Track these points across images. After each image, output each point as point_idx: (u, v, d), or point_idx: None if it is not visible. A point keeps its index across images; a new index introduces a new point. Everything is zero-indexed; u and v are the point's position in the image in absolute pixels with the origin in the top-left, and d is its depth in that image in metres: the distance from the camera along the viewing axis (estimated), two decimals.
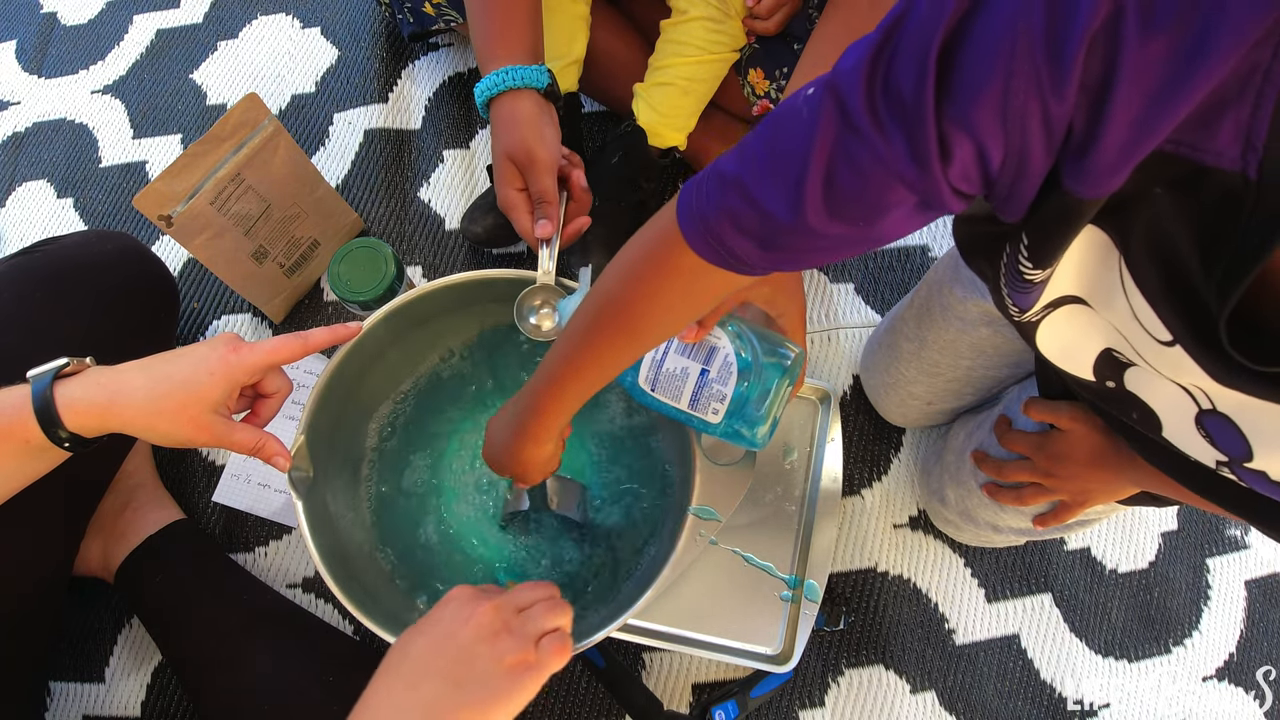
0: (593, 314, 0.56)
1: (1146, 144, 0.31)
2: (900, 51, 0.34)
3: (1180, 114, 0.30)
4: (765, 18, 0.90)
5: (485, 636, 0.54)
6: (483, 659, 0.53)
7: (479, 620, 0.55)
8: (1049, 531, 0.78)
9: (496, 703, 0.52)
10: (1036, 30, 0.30)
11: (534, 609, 0.57)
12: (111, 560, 0.88)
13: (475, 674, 0.52)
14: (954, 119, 0.33)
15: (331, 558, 0.75)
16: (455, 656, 0.53)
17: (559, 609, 0.57)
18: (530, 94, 0.76)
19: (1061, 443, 0.69)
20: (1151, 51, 0.29)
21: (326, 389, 0.78)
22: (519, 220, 0.77)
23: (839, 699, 0.92)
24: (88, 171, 1.16)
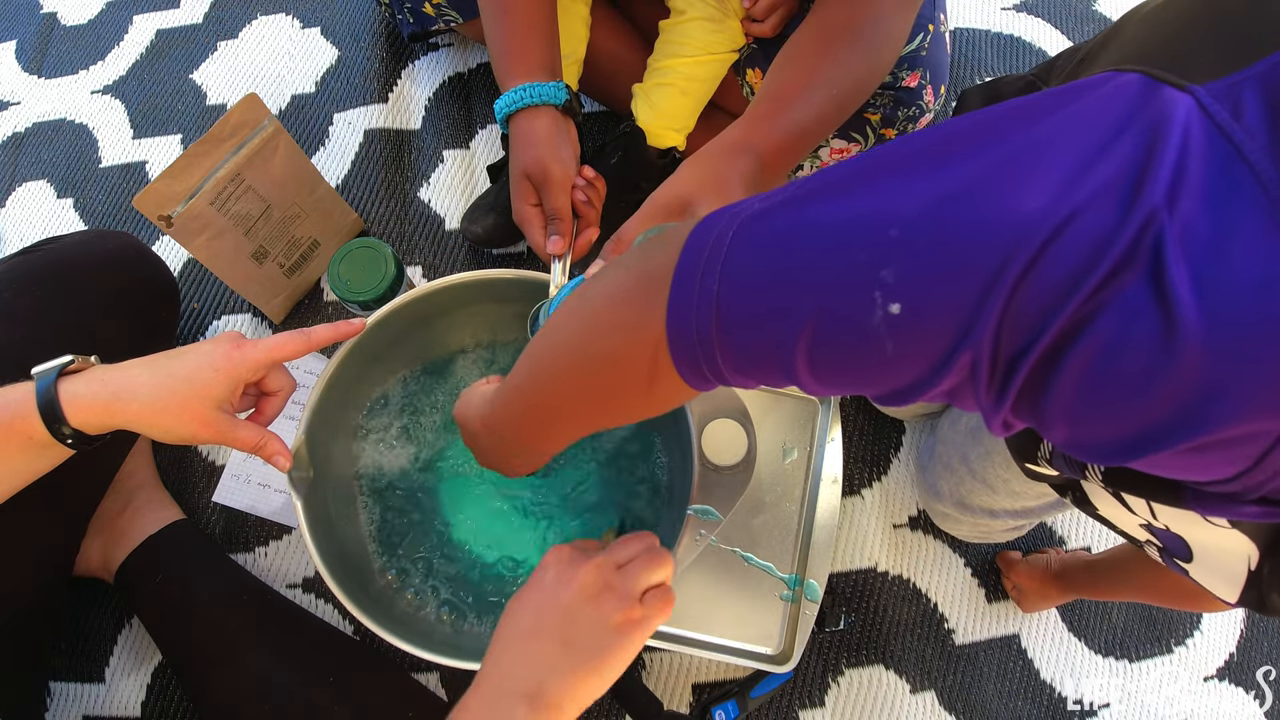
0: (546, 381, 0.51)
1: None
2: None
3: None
4: (762, 20, 0.90)
5: (590, 596, 0.54)
6: (589, 619, 0.53)
7: (582, 581, 0.55)
8: (1044, 514, 0.80)
9: (606, 661, 0.53)
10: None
11: (633, 564, 0.56)
12: (111, 560, 0.88)
13: (583, 635, 0.53)
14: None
15: (331, 558, 0.75)
16: (562, 618, 0.53)
17: (659, 561, 0.57)
18: (548, 111, 0.77)
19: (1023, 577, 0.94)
20: None
21: (327, 389, 0.78)
22: (533, 235, 0.79)
23: (839, 699, 0.92)
24: (88, 171, 1.16)
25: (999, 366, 0.30)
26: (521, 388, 0.53)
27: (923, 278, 0.30)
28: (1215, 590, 0.51)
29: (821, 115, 0.69)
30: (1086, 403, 0.29)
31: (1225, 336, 0.26)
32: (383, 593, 0.84)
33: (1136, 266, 0.27)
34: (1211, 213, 0.27)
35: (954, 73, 1.17)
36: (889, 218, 0.31)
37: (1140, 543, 0.56)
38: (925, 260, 0.30)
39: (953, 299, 0.29)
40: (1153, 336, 0.27)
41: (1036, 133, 0.30)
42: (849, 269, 0.32)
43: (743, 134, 0.66)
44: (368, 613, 0.72)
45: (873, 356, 0.32)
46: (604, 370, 0.44)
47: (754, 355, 0.36)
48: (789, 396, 0.93)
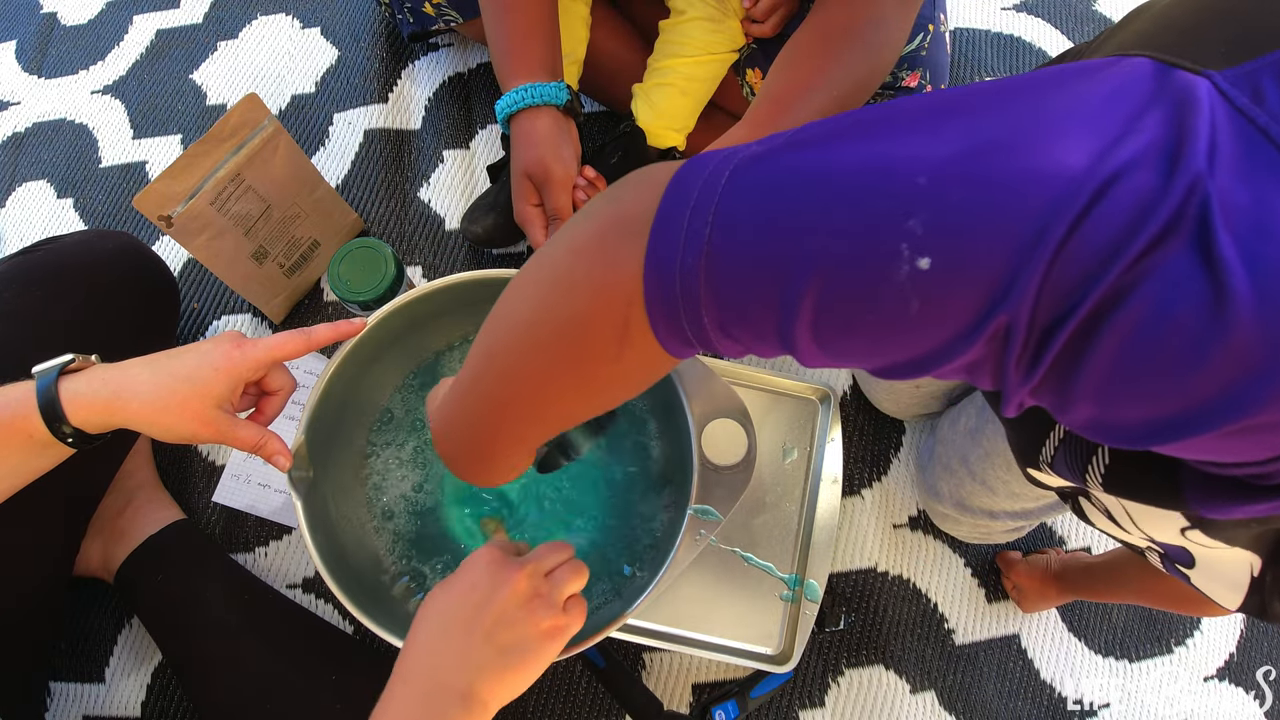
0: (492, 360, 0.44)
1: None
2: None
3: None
4: (762, 20, 0.90)
5: (523, 603, 0.56)
6: (523, 625, 0.55)
7: (516, 587, 0.56)
8: (1043, 515, 0.80)
9: (532, 665, 0.55)
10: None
11: (558, 573, 0.59)
12: (111, 560, 0.88)
13: (515, 638, 0.55)
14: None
15: (331, 558, 0.75)
16: (497, 621, 0.55)
17: (578, 571, 0.60)
18: (549, 111, 0.78)
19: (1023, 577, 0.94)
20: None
21: (327, 389, 0.78)
22: (534, 235, 0.79)
23: (839, 699, 0.92)
24: (88, 171, 1.16)
25: (1034, 334, 0.27)
26: (474, 374, 0.45)
27: (958, 230, 0.27)
28: (1217, 596, 0.51)
29: (823, 116, 0.69)
30: (1123, 378, 0.27)
31: (1276, 311, 0.24)
32: (383, 593, 0.84)
33: (1182, 233, 0.25)
34: (1250, 189, 0.25)
35: (954, 73, 1.17)
36: (917, 163, 0.28)
37: (1141, 550, 0.56)
38: (961, 211, 0.27)
39: (992, 256, 0.26)
40: (1201, 307, 0.25)
41: (1065, 96, 0.28)
42: (871, 217, 0.28)
43: (744, 136, 0.66)
44: (368, 613, 0.72)
45: (893, 317, 0.28)
46: (566, 336, 0.38)
47: (747, 311, 0.32)
48: (789, 396, 0.93)
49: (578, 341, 0.37)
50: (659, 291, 0.33)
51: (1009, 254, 0.26)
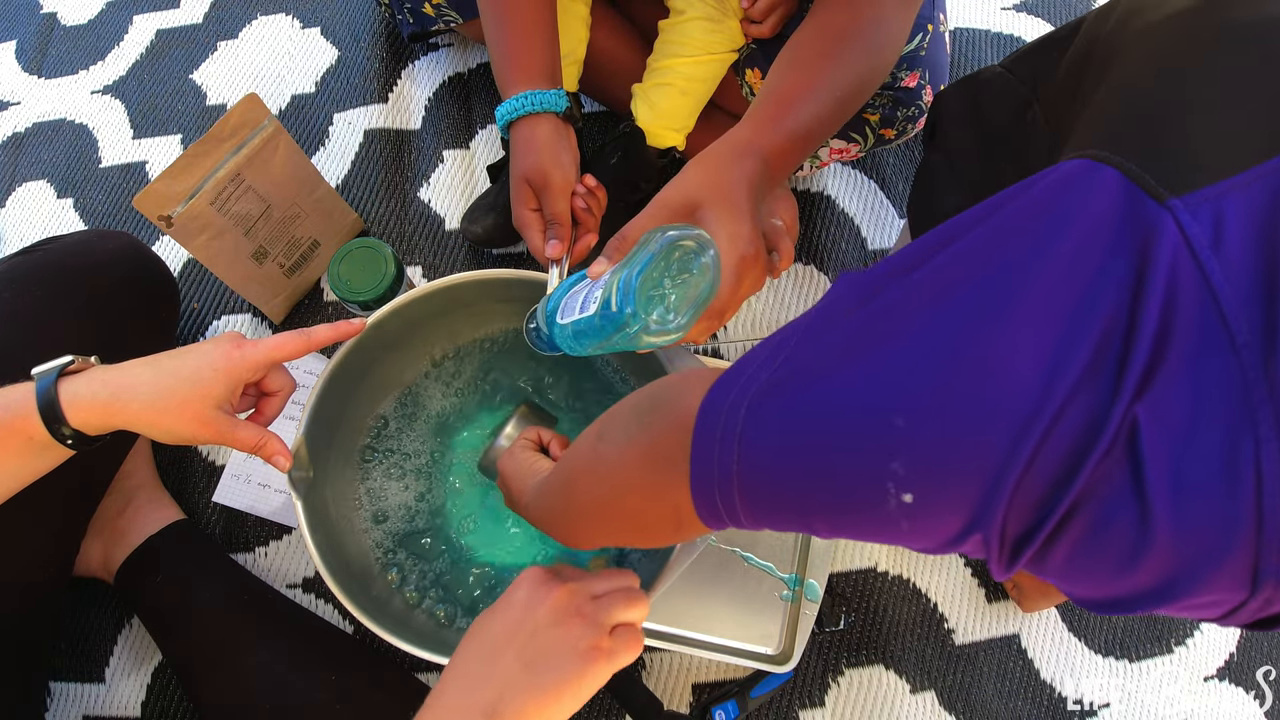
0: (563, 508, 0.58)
1: None
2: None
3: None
4: (760, 20, 0.90)
5: (559, 620, 0.53)
6: (557, 642, 0.52)
7: (553, 604, 0.54)
8: None
9: (567, 687, 0.51)
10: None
11: (609, 597, 0.55)
12: (111, 560, 0.88)
13: (547, 657, 0.52)
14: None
15: (331, 558, 0.75)
16: (528, 638, 0.52)
17: (635, 601, 0.56)
18: (549, 118, 0.78)
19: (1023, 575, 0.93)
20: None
21: (327, 389, 0.78)
22: (531, 239, 0.79)
23: (839, 699, 0.92)
24: (88, 172, 1.16)
25: (1007, 544, 0.32)
26: (555, 512, 0.58)
27: (932, 468, 0.32)
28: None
29: (824, 117, 0.69)
30: (1077, 571, 0.32)
31: (1190, 532, 0.29)
32: (382, 592, 0.84)
33: (1118, 456, 0.30)
34: (1189, 385, 0.29)
35: (954, 73, 1.17)
36: (892, 403, 0.32)
37: None
38: (932, 452, 0.31)
39: (963, 490, 0.31)
40: (1131, 525, 0.30)
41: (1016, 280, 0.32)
42: (862, 461, 0.33)
43: (748, 136, 0.66)
44: (368, 613, 0.72)
45: (889, 533, 0.34)
46: (632, 520, 0.50)
47: (775, 521, 0.39)
48: None
49: (641, 523, 0.50)
50: (704, 507, 0.41)
51: (979, 486, 0.31)
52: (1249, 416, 0.28)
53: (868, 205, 1.11)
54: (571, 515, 0.56)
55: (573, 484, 0.55)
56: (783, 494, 0.37)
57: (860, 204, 1.11)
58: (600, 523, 0.53)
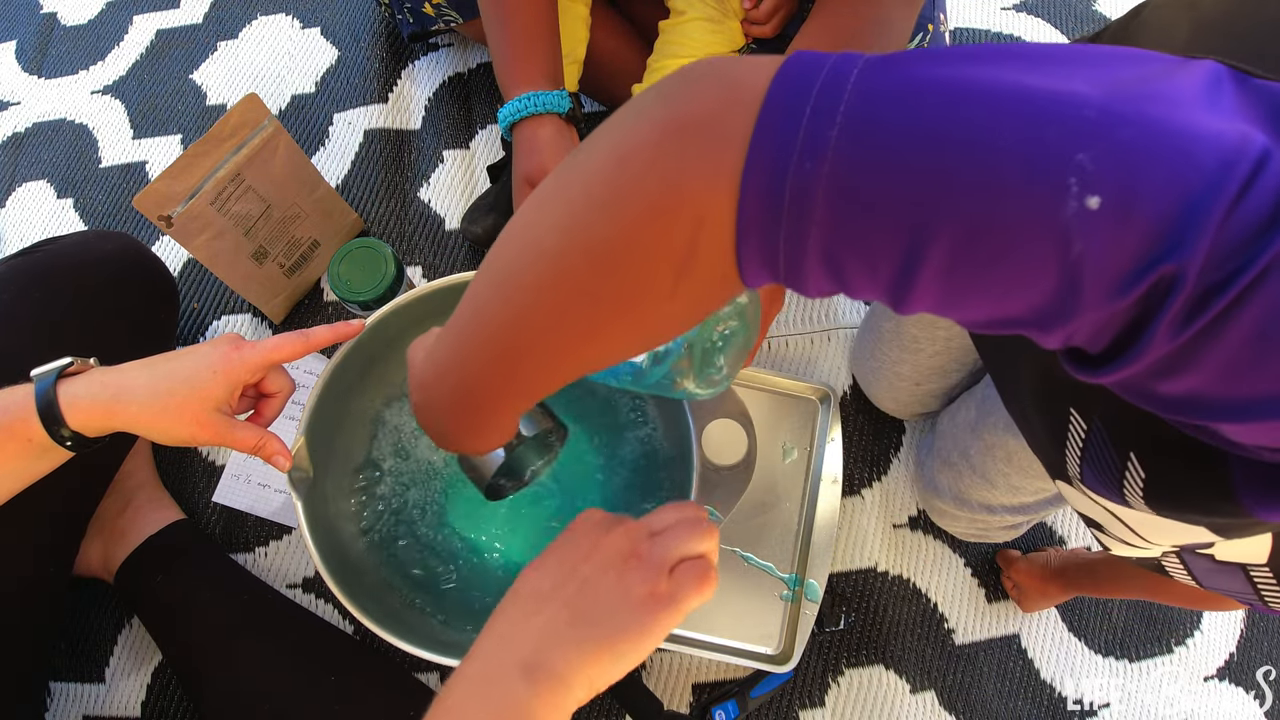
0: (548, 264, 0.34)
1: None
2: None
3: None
4: (763, 21, 0.90)
5: (613, 564, 0.46)
6: (609, 590, 0.45)
7: (607, 547, 0.47)
8: (1041, 512, 0.80)
9: (621, 639, 0.44)
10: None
11: (670, 532, 0.47)
12: (111, 560, 0.88)
13: (599, 607, 0.45)
14: None
15: (331, 558, 0.75)
16: (579, 587, 0.46)
17: (700, 531, 0.47)
18: (551, 119, 0.78)
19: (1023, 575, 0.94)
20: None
21: (327, 389, 0.78)
22: None
23: (839, 699, 0.92)
24: (88, 172, 1.16)
25: (1197, 292, 0.25)
26: (477, 312, 0.38)
27: (1131, 170, 0.24)
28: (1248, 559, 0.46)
29: None
30: (1253, 352, 0.25)
31: None
32: (382, 592, 0.84)
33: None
34: None
35: None
36: (1079, 98, 0.25)
37: (1157, 560, 0.56)
38: (1133, 151, 0.24)
39: (1166, 202, 0.24)
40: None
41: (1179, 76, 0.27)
42: (1039, 143, 0.25)
43: None
44: (368, 613, 0.72)
45: (1045, 259, 0.25)
46: (606, 268, 0.31)
47: (869, 238, 0.27)
48: (789, 396, 0.93)
49: (621, 274, 0.31)
50: (762, 202, 0.27)
51: (1183, 202, 0.24)
52: None
53: None
54: (506, 297, 0.35)
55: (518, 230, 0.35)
56: (908, 177, 0.26)
57: None
58: (548, 294, 0.33)
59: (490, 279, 0.37)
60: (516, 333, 0.35)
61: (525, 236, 0.34)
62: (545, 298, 0.33)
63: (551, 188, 0.33)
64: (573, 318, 0.33)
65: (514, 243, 0.35)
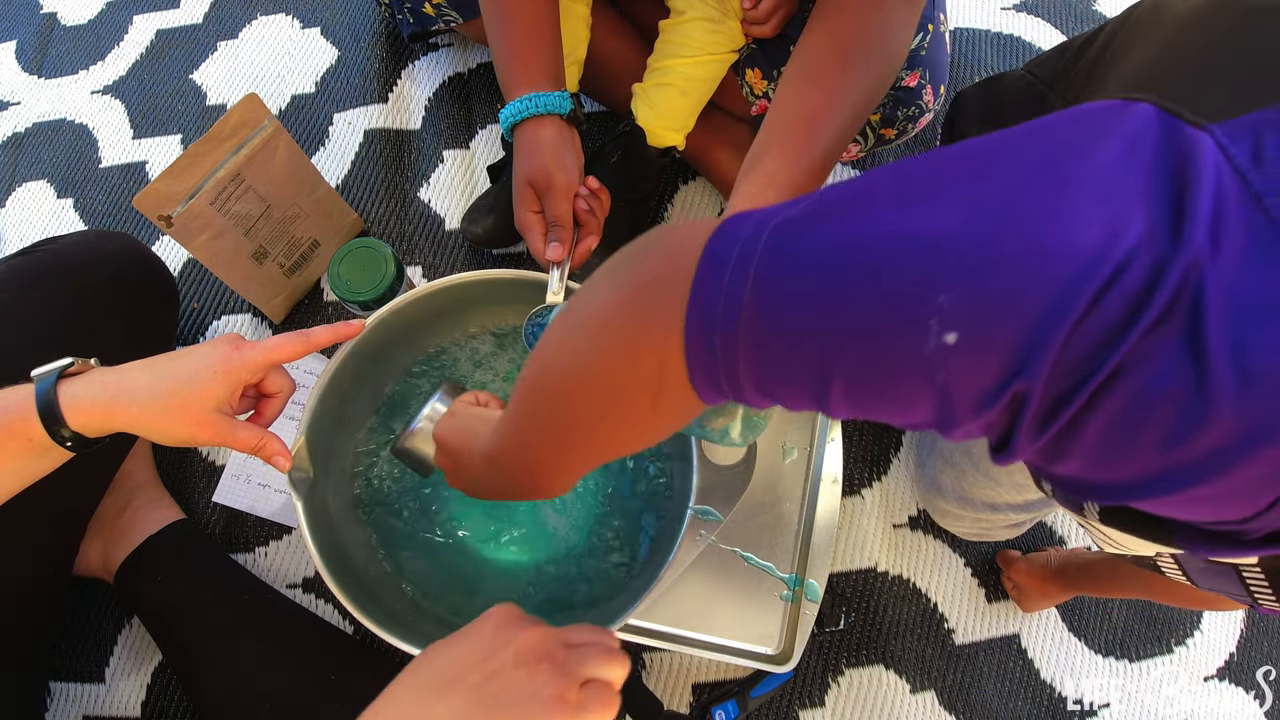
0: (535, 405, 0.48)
1: None
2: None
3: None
4: (762, 21, 0.90)
5: (526, 663, 0.48)
6: (519, 686, 0.47)
7: (522, 644, 0.48)
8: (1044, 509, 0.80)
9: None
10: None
11: (587, 648, 0.49)
12: (111, 560, 0.88)
13: (509, 699, 0.46)
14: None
15: (331, 558, 0.75)
16: (490, 677, 0.47)
17: (614, 659, 0.49)
18: (553, 120, 0.78)
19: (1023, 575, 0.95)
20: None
21: (327, 389, 0.78)
22: (533, 241, 0.79)
23: (839, 699, 0.92)
24: (88, 172, 1.16)
25: (1045, 404, 0.29)
26: (521, 424, 0.49)
27: (982, 306, 0.29)
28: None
29: (847, 131, 0.68)
30: (1115, 444, 0.29)
31: (1254, 399, 0.27)
32: (382, 592, 0.84)
33: (1177, 319, 0.27)
34: (1244, 268, 0.27)
35: (954, 73, 1.17)
36: (942, 239, 0.30)
37: (1152, 559, 0.56)
38: (985, 288, 0.28)
39: (1013, 332, 0.28)
40: (1187, 391, 0.27)
41: (1076, 163, 0.30)
42: (904, 291, 0.30)
43: (786, 173, 0.64)
44: (368, 613, 0.72)
45: (916, 386, 0.31)
46: (606, 394, 0.41)
47: (784, 375, 0.34)
48: None
49: (615, 399, 0.41)
50: (701, 352, 0.34)
51: (1030, 329, 0.28)
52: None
53: None
54: (538, 428, 0.47)
55: (544, 364, 0.45)
56: (798, 331, 0.32)
57: None
58: (572, 422, 0.44)
59: (525, 402, 0.48)
60: (548, 439, 0.47)
61: (548, 370, 0.45)
62: (566, 415, 0.44)
63: (561, 331, 0.43)
64: (586, 427, 0.44)
65: (540, 374, 0.45)
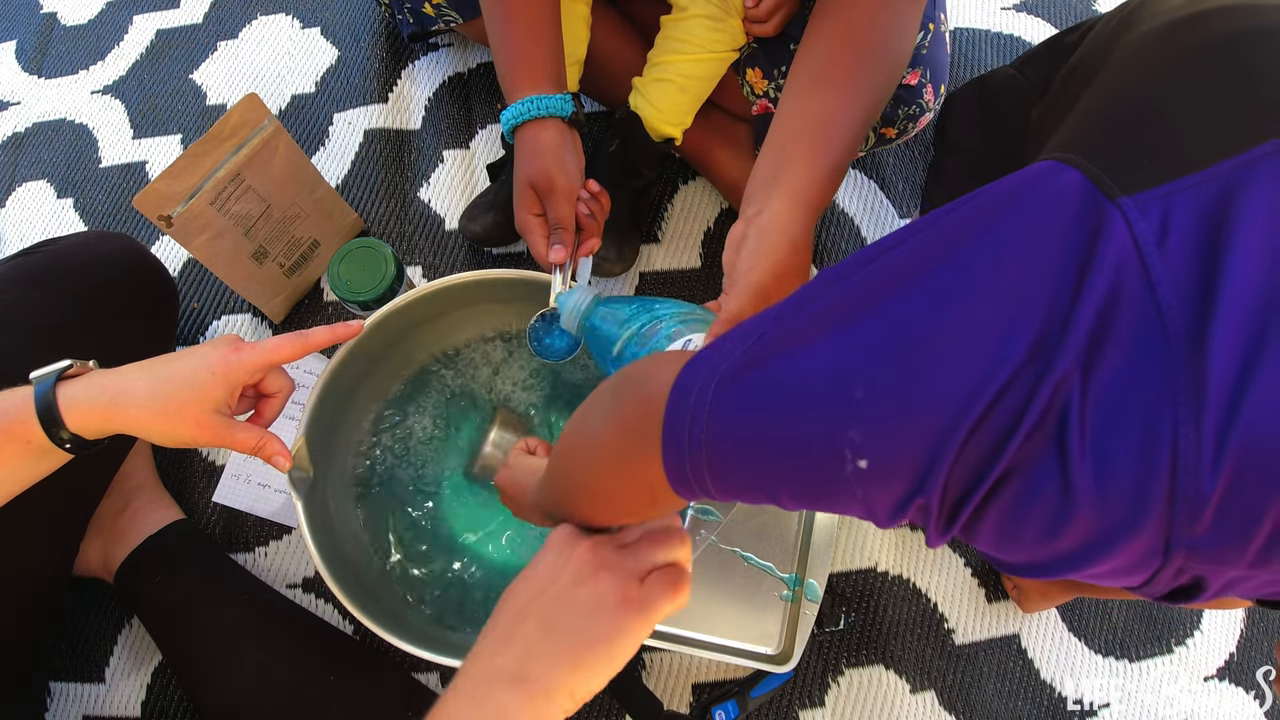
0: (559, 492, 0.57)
1: None
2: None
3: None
4: (764, 20, 0.90)
5: (585, 577, 0.48)
6: (583, 600, 0.48)
7: (577, 560, 0.49)
8: None
9: (596, 647, 0.47)
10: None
11: (639, 542, 0.50)
12: (111, 560, 0.88)
13: (571, 617, 0.48)
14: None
15: (331, 558, 0.75)
16: (550, 600, 0.49)
17: (670, 539, 0.50)
18: (554, 123, 0.78)
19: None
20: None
21: (327, 389, 0.78)
22: (534, 244, 0.79)
23: (839, 699, 0.92)
24: (88, 172, 1.16)
25: (945, 508, 0.35)
26: (551, 498, 0.58)
27: (886, 437, 0.35)
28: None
29: (862, 135, 0.67)
30: (1006, 537, 0.35)
31: (1108, 503, 0.32)
32: (382, 593, 0.84)
33: (1047, 430, 0.32)
34: (1118, 371, 0.32)
35: (954, 73, 1.17)
36: (852, 377, 0.36)
37: None
38: (886, 422, 0.35)
39: (912, 457, 0.34)
40: (1054, 498, 0.33)
41: (978, 266, 0.35)
42: (823, 430, 0.36)
43: (810, 189, 0.64)
44: (368, 613, 0.72)
45: (844, 499, 0.37)
46: (614, 496, 0.50)
47: (742, 492, 0.41)
48: None
49: (620, 500, 0.50)
50: (677, 478, 0.42)
51: (925, 456, 0.34)
52: (1170, 400, 0.31)
53: (868, 205, 1.11)
54: (568, 500, 0.55)
55: (562, 468, 0.55)
56: (748, 464, 0.39)
57: (860, 204, 1.11)
58: (590, 501, 0.52)
59: (552, 483, 0.58)
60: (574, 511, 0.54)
61: (562, 479, 0.56)
62: (585, 500, 0.53)
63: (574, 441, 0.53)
64: (600, 509, 0.52)
65: (562, 467, 0.56)
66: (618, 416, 0.48)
